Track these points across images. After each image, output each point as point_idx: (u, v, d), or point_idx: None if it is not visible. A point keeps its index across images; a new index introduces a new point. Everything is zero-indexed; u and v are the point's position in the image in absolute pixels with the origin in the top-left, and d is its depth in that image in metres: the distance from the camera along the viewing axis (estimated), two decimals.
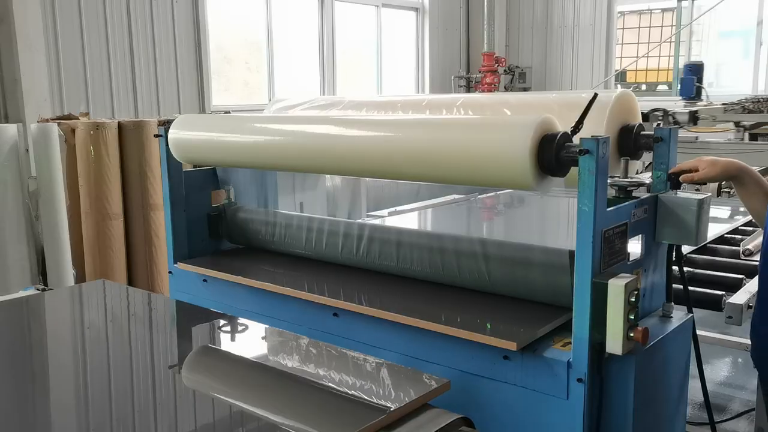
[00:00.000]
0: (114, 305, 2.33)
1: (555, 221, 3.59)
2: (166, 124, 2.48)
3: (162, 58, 6.71)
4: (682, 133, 1.90)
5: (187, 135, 2.39)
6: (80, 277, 4.33)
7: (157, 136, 2.49)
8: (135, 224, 4.48)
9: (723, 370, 4.12)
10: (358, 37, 9.57)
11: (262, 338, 1.99)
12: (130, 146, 4.43)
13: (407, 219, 3.30)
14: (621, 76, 10.17)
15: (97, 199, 4.30)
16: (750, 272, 2.35)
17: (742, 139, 5.43)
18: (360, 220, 3.05)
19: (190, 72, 7.00)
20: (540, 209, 3.73)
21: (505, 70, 10.26)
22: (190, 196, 2.60)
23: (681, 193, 1.89)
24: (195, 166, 2.69)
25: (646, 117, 5.60)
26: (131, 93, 6.48)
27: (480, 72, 10.01)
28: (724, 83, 9.77)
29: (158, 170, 3.99)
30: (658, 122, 1.83)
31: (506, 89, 10.25)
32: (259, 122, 2.27)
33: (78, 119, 4.59)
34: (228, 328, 2.05)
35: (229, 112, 5.94)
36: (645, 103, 9.39)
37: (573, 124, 1.66)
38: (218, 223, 2.68)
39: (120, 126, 4.42)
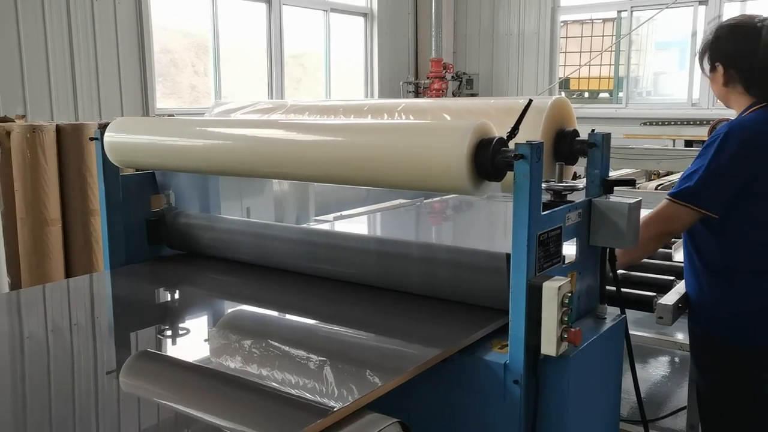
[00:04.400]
0: (55, 313, 2.26)
1: (502, 225, 3.64)
2: (104, 128, 2.43)
3: (104, 60, 6.54)
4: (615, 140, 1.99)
5: (124, 138, 2.34)
6: (15, 285, 4.18)
7: (92, 139, 2.42)
8: (74, 230, 4.38)
9: (660, 369, 4.25)
10: (306, 42, 9.54)
11: (204, 340, 1.97)
12: (68, 150, 4.34)
13: (354, 224, 3.30)
14: (565, 84, 10.41)
15: (33, 204, 4.19)
16: (679, 273, 2.43)
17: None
18: (305, 225, 3.04)
19: (134, 75, 6.84)
20: (488, 213, 3.78)
21: (453, 77, 10.37)
22: (128, 200, 2.54)
23: (613, 198, 1.94)
24: (138, 170, 2.64)
25: None
26: (71, 96, 6.30)
27: (428, 78, 10.09)
28: (662, 92, 10.11)
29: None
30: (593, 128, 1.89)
31: (454, 95, 10.36)
32: (197, 125, 2.24)
33: (14, 122, 4.46)
34: (170, 332, 2.02)
35: (173, 116, 5.84)
36: (587, 110, 9.65)
37: (509, 130, 1.69)
38: (158, 228, 2.63)
39: (58, 129, 4.32)
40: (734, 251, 2.12)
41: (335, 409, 1.39)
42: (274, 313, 2.21)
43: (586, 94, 10.52)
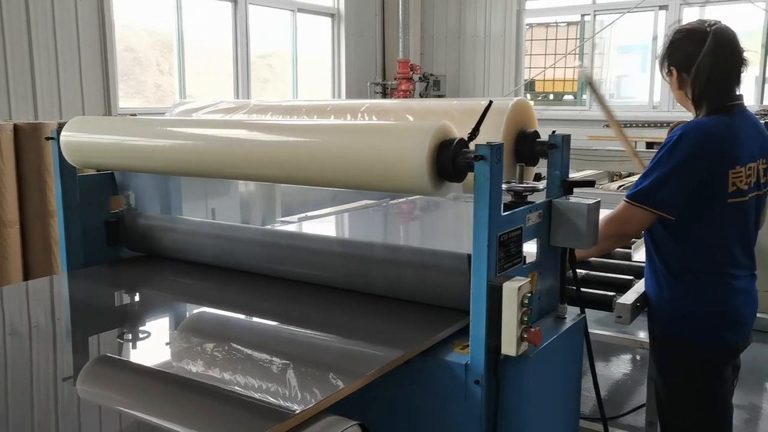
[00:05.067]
0: (13, 316, 2.20)
1: (468, 226, 3.65)
2: (62, 127, 2.38)
3: (64, 58, 6.40)
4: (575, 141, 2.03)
5: (81, 138, 2.29)
6: None
7: (48, 138, 2.37)
8: (32, 232, 4.28)
9: (621, 367, 4.32)
10: (274, 42, 9.48)
11: (165, 344, 1.93)
12: (27, 150, 4.24)
13: (319, 224, 3.28)
14: (530, 86, 10.51)
15: None
16: (638, 273, 2.47)
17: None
18: (269, 226, 3.02)
19: (95, 73, 6.71)
20: (454, 214, 3.79)
21: (420, 78, 10.40)
22: (86, 201, 2.49)
23: (573, 198, 1.96)
24: (99, 171, 2.59)
25: None
26: (30, 94, 6.15)
27: (395, 79, 10.10)
28: (625, 94, 10.29)
29: None
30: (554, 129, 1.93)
31: (421, 96, 10.39)
32: (156, 125, 2.20)
33: None
34: (130, 336, 1.98)
35: (135, 115, 5.74)
36: (552, 112, 9.74)
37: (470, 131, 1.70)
38: (117, 230, 2.59)
39: (16, 128, 4.22)
40: (692, 252, 2.15)
41: (296, 413, 1.38)
42: (237, 316, 2.19)
43: (551, 96, 10.64)
